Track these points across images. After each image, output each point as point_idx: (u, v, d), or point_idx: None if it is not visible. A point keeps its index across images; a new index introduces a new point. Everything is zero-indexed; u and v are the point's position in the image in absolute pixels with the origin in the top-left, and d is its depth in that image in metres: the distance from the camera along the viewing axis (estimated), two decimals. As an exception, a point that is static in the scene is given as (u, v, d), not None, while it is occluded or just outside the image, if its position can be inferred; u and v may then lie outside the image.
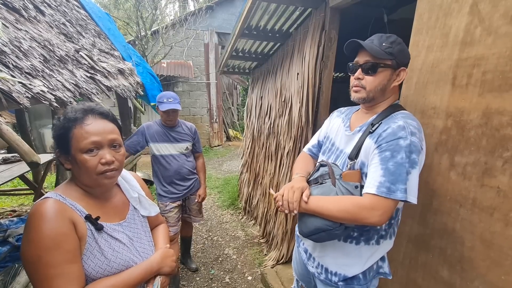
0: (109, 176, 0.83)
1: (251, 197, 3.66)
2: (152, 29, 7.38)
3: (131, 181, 1.02)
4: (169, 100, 2.08)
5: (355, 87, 1.02)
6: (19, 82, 1.33)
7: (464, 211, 1.03)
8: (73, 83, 1.85)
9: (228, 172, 6.24)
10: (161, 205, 2.22)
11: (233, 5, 8.48)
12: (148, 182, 4.51)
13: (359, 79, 1.00)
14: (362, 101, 1.02)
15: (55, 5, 2.81)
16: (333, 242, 1.05)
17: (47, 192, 0.84)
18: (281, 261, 2.49)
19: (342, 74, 5.77)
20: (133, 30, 7.14)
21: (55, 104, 1.49)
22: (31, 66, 1.55)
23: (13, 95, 1.22)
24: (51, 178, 5.01)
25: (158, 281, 0.90)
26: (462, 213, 1.04)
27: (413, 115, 1.00)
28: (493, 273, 0.95)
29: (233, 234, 3.44)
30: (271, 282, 2.30)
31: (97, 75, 2.34)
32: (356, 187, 0.96)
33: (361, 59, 1.00)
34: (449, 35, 1.07)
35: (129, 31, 7.41)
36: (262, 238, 3.19)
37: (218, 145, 9.06)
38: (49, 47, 1.96)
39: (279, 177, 2.63)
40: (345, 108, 1.25)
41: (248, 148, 3.78)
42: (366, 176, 0.96)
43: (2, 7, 1.86)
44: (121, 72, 3.00)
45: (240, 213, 4.00)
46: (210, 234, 3.43)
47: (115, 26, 4.17)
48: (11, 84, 1.26)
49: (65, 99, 1.61)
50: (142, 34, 6.94)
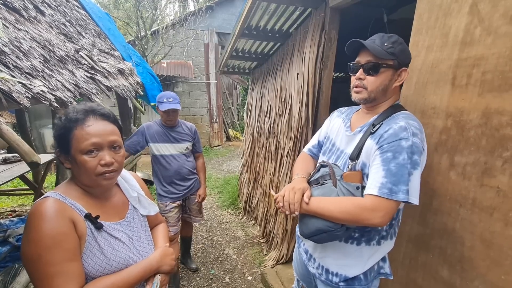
0: (108, 177, 0.83)
1: (251, 197, 3.66)
2: (152, 29, 7.38)
3: (130, 181, 1.02)
4: (169, 100, 2.09)
5: (356, 87, 1.01)
6: (19, 82, 1.33)
7: (464, 211, 1.03)
8: (73, 83, 1.85)
9: (228, 172, 6.24)
10: (161, 205, 2.22)
11: (233, 5, 8.48)
12: (148, 182, 4.51)
13: (360, 79, 0.99)
14: (363, 101, 1.01)
15: (55, 5, 2.81)
16: (334, 242, 1.04)
17: (47, 192, 0.84)
18: (281, 261, 2.49)
19: (342, 74, 5.77)
20: (133, 30, 7.13)
21: (55, 104, 1.49)
22: (31, 66, 1.55)
23: (13, 95, 1.23)
24: (51, 178, 5.01)
25: (158, 279, 0.91)
26: (462, 213, 1.04)
27: (413, 115, 1.00)
28: (493, 272, 0.95)
29: (233, 234, 3.44)
30: (271, 282, 2.30)
31: (97, 75, 2.34)
32: (357, 188, 0.96)
33: (362, 59, 0.99)
34: (448, 35, 1.07)
35: (129, 31, 7.41)
36: (262, 238, 3.19)
37: (218, 145, 9.06)
38: (49, 47, 1.96)
39: (279, 177, 2.63)
40: (346, 108, 1.24)
41: (248, 148, 3.78)
42: (367, 177, 0.96)
43: (2, 7, 1.86)
44: (121, 72, 3.00)
45: (240, 213, 4.00)
46: (210, 234, 3.43)
47: (115, 26, 4.17)
48: (11, 84, 1.27)
49: (65, 99, 1.61)
50: (142, 34, 6.94)
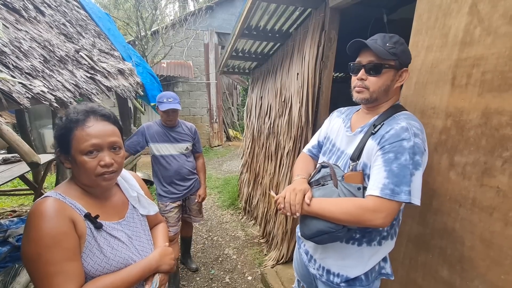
0: (108, 178, 0.83)
1: (251, 197, 3.66)
2: (152, 29, 7.38)
3: (130, 180, 1.02)
4: (169, 100, 2.09)
5: (358, 87, 1.00)
6: (19, 83, 1.33)
7: (464, 211, 1.03)
8: (73, 83, 1.85)
9: (228, 172, 6.25)
10: (161, 205, 2.22)
11: (233, 5, 8.48)
12: (148, 182, 4.51)
13: (362, 79, 0.98)
14: (365, 102, 1.01)
15: (55, 6, 2.81)
16: (334, 243, 1.04)
17: (47, 192, 0.85)
18: (281, 261, 2.49)
19: (342, 74, 5.77)
20: (133, 30, 7.13)
21: (55, 105, 1.49)
22: (31, 67, 1.55)
23: (13, 95, 1.23)
24: (51, 178, 5.01)
25: (157, 279, 0.91)
26: (462, 213, 1.04)
27: (414, 115, 1.00)
28: (493, 272, 0.95)
29: (233, 234, 3.44)
30: (271, 282, 2.30)
31: (97, 75, 2.34)
32: (359, 188, 0.95)
33: (364, 59, 0.98)
34: (448, 35, 1.07)
35: (129, 31, 7.40)
36: (262, 238, 3.19)
37: (218, 145, 9.07)
38: (49, 47, 1.96)
39: (279, 177, 2.63)
40: (345, 108, 1.23)
41: (248, 148, 3.78)
42: (368, 178, 0.95)
43: (2, 7, 1.87)
44: (121, 72, 3.00)
45: (240, 213, 4.00)
46: (210, 234, 3.43)
47: (115, 26, 4.17)
48: (11, 84, 1.27)
49: (65, 99, 1.61)
50: (142, 34, 6.94)
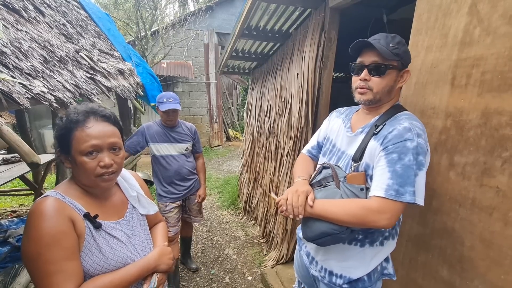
0: (107, 179, 0.84)
1: (251, 197, 3.66)
2: (152, 30, 7.38)
3: (130, 180, 1.03)
4: (169, 100, 2.09)
5: (361, 88, 0.98)
6: (19, 83, 1.34)
7: (464, 211, 1.03)
8: (73, 83, 1.85)
9: (228, 172, 6.25)
10: (161, 205, 2.22)
11: (233, 5, 8.48)
12: (148, 183, 4.52)
13: (365, 80, 0.96)
14: (368, 103, 0.99)
15: (55, 6, 2.81)
16: (337, 245, 1.03)
17: (47, 191, 0.85)
18: (281, 261, 2.50)
19: (342, 74, 5.77)
20: (133, 31, 7.13)
21: (55, 105, 1.49)
22: (31, 67, 1.55)
23: (13, 95, 1.23)
24: (51, 178, 5.01)
25: (155, 278, 0.91)
26: (461, 213, 1.04)
27: (414, 115, 0.99)
28: (492, 272, 0.95)
29: (233, 234, 3.44)
30: (271, 282, 2.30)
31: (97, 75, 2.34)
32: (362, 189, 0.94)
33: (367, 59, 0.96)
34: (448, 35, 1.07)
35: (129, 31, 7.40)
36: (262, 238, 3.20)
37: (218, 145, 9.07)
38: (49, 47, 1.96)
39: (279, 177, 2.63)
40: (344, 108, 1.23)
41: (248, 148, 3.79)
42: (370, 178, 0.95)
43: (2, 8, 1.87)
44: (121, 72, 3.00)
45: (240, 213, 4.00)
46: (210, 234, 3.43)
47: (115, 26, 4.17)
48: (11, 85, 1.27)
49: (65, 99, 1.61)
50: (142, 34, 6.94)
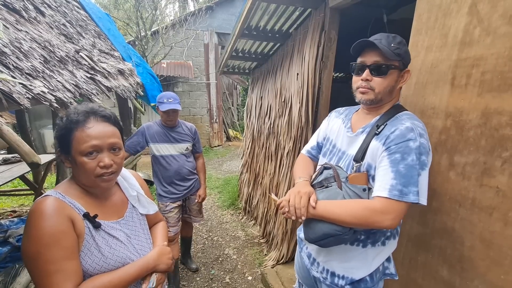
0: (107, 179, 0.84)
1: (251, 197, 3.66)
2: (152, 30, 7.38)
3: (130, 180, 1.03)
4: (169, 100, 2.09)
5: (362, 88, 0.98)
6: (20, 83, 1.34)
7: (464, 211, 1.04)
8: (73, 83, 1.85)
9: (228, 172, 6.24)
10: (161, 205, 2.22)
11: (233, 5, 8.48)
12: (148, 183, 4.52)
13: (367, 80, 0.96)
14: (369, 103, 0.99)
15: (55, 6, 2.81)
16: (339, 246, 1.02)
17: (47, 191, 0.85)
18: (281, 261, 2.50)
19: (342, 74, 5.77)
20: (133, 31, 7.13)
21: (55, 105, 1.49)
22: (31, 67, 1.55)
23: (13, 96, 1.23)
24: (51, 178, 5.01)
25: (154, 278, 0.92)
26: (461, 213, 1.04)
27: (415, 115, 0.99)
28: (492, 272, 0.95)
29: (233, 234, 3.44)
30: (271, 282, 2.30)
31: (97, 75, 2.35)
32: (364, 189, 0.94)
33: (368, 59, 0.96)
34: (448, 35, 1.07)
35: (129, 31, 7.40)
36: (262, 238, 3.20)
37: (218, 145, 9.07)
38: (49, 48, 1.96)
39: (279, 177, 2.63)
40: (343, 108, 1.23)
41: (248, 148, 3.79)
42: (372, 179, 0.95)
43: (3, 8, 1.87)
44: (121, 72, 3.00)
45: (240, 213, 4.00)
46: (210, 234, 3.44)
47: (115, 26, 4.17)
48: (11, 85, 1.27)
49: (65, 99, 1.61)
50: (142, 34, 6.94)
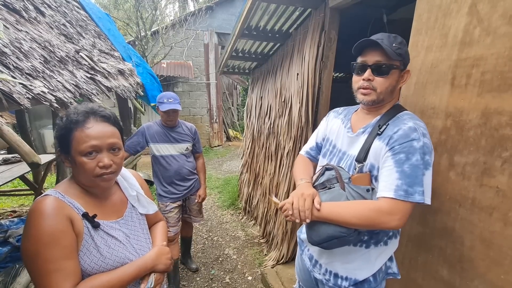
0: (106, 179, 0.84)
1: (251, 197, 3.66)
2: (152, 30, 7.38)
3: (130, 179, 1.03)
4: (169, 100, 2.09)
5: (364, 88, 0.97)
6: (20, 83, 1.34)
7: (464, 211, 1.04)
8: (73, 83, 1.85)
9: (228, 172, 6.24)
10: (162, 205, 2.22)
11: (233, 5, 8.48)
12: (148, 183, 4.52)
13: (369, 80, 0.95)
14: (371, 103, 0.98)
15: (55, 6, 2.81)
16: (342, 247, 1.02)
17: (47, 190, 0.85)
18: (281, 261, 2.50)
19: (342, 74, 5.77)
20: (133, 31, 7.13)
21: (55, 105, 1.49)
22: (31, 67, 1.55)
23: (14, 96, 1.23)
24: (51, 178, 5.01)
25: (153, 278, 0.92)
26: (461, 213, 1.04)
27: (415, 115, 0.99)
28: (492, 272, 0.95)
29: (233, 234, 3.44)
30: (271, 282, 2.30)
31: (97, 75, 2.35)
32: (368, 190, 0.93)
33: (370, 59, 0.95)
34: (448, 35, 1.07)
35: (129, 31, 7.41)
36: (262, 238, 3.20)
37: (218, 145, 9.07)
38: (49, 48, 1.96)
39: (279, 177, 2.63)
40: (342, 108, 1.22)
41: (248, 148, 3.79)
42: (375, 179, 0.95)
43: (3, 8, 1.87)
44: (121, 72, 3.00)
45: (240, 213, 4.00)
46: (210, 234, 3.44)
47: (115, 26, 4.17)
48: (11, 85, 1.27)
49: (65, 99, 1.62)
50: (142, 34, 6.94)
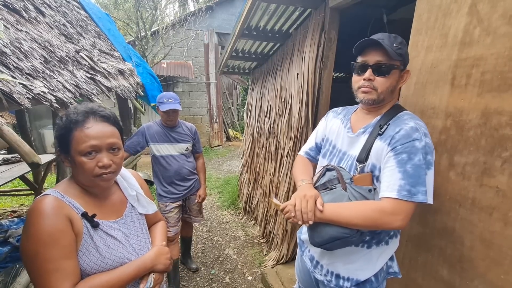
0: (106, 178, 0.84)
1: (251, 197, 3.66)
2: (152, 30, 7.38)
3: (129, 179, 1.03)
4: (169, 100, 2.09)
5: (365, 88, 0.97)
6: (20, 83, 1.34)
7: (464, 210, 1.04)
8: (73, 83, 1.85)
9: (228, 172, 6.24)
10: (162, 205, 2.22)
11: (233, 5, 8.48)
12: (148, 183, 4.52)
13: (370, 80, 0.95)
14: (371, 103, 0.98)
15: (55, 6, 2.81)
16: (344, 248, 1.02)
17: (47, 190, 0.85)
18: (281, 261, 2.50)
19: (342, 74, 5.77)
20: (133, 31, 7.13)
21: (55, 105, 1.50)
22: (31, 67, 1.55)
23: (14, 96, 1.23)
24: (51, 178, 5.01)
25: (152, 278, 0.92)
26: (461, 212, 1.04)
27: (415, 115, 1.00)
28: (492, 272, 0.95)
29: (233, 234, 3.44)
30: (271, 282, 2.30)
31: (97, 75, 2.35)
32: (370, 190, 0.93)
33: (371, 59, 0.95)
34: (448, 35, 1.07)
35: (129, 31, 7.40)
36: (262, 238, 3.20)
37: (218, 145, 9.06)
38: (49, 48, 1.96)
39: (279, 177, 2.63)
40: (341, 108, 1.22)
41: (248, 148, 3.79)
42: (377, 179, 0.95)
43: (3, 8, 1.87)
44: (121, 72, 3.00)
45: (240, 213, 4.00)
46: (210, 234, 3.44)
47: (115, 26, 4.17)
48: (12, 85, 1.27)
49: (65, 99, 1.62)
50: (142, 34, 6.94)
